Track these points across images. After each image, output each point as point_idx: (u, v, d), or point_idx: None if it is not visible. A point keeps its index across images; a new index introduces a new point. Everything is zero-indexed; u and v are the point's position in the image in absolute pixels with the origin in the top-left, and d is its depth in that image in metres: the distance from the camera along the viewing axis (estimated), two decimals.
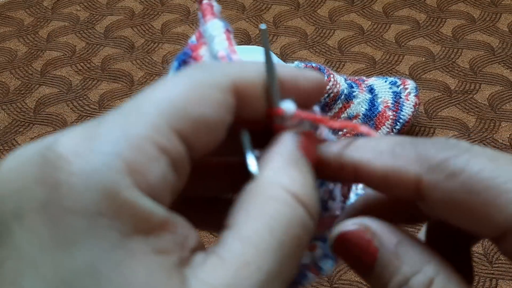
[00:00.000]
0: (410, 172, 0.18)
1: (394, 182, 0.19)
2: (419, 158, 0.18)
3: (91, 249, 0.15)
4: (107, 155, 0.15)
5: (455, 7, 0.80)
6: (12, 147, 0.64)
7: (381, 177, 0.19)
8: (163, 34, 0.78)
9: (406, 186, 0.18)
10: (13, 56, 0.75)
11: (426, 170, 0.18)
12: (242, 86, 0.19)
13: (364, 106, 0.60)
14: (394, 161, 0.18)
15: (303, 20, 0.79)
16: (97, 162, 0.15)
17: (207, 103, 0.18)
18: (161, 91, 0.18)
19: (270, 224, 0.17)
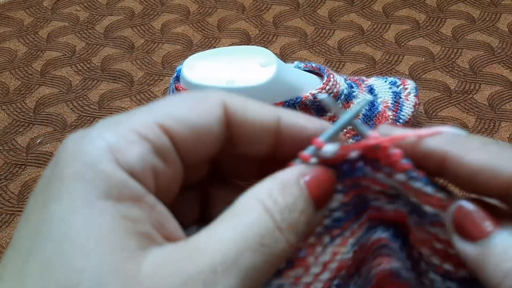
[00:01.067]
0: (506, 171, 0.18)
1: (485, 178, 0.19)
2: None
3: (66, 204, 0.18)
4: (93, 138, 0.19)
5: (455, 7, 0.80)
6: (12, 147, 0.64)
7: (472, 172, 0.19)
8: (163, 34, 0.78)
9: (498, 185, 0.19)
10: (13, 56, 0.75)
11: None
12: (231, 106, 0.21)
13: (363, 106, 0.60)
14: (489, 158, 0.19)
15: (303, 20, 0.79)
16: (85, 143, 0.19)
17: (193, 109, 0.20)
18: (154, 102, 0.21)
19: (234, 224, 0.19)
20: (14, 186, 0.60)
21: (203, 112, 0.20)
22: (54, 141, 0.64)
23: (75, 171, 0.18)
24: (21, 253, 0.18)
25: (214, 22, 0.79)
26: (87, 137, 0.19)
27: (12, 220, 0.57)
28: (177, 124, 0.20)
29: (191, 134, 0.20)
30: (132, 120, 0.20)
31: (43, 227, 0.18)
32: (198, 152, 0.21)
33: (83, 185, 0.18)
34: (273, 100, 0.56)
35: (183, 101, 0.21)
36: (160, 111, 0.20)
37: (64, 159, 0.19)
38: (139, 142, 0.19)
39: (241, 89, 0.55)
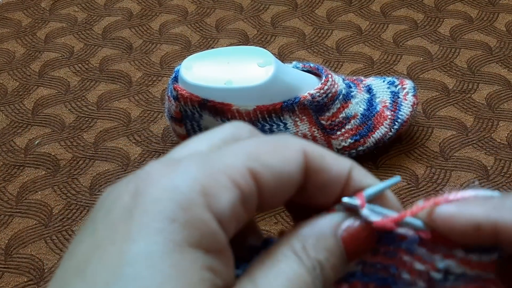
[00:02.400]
0: None
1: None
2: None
3: (154, 244, 0.17)
4: (186, 177, 0.18)
5: (452, 7, 0.80)
6: (10, 148, 0.64)
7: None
8: (161, 34, 0.78)
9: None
10: (11, 58, 0.75)
11: None
12: (310, 153, 0.21)
13: (362, 106, 0.60)
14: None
15: (301, 20, 0.79)
16: (177, 180, 0.18)
17: (279, 155, 0.20)
18: (236, 144, 0.20)
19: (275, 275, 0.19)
20: (13, 187, 0.60)
21: (287, 159, 0.20)
22: (52, 142, 0.64)
23: (168, 211, 0.17)
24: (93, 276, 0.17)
25: (212, 22, 0.79)
26: (178, 172, 0.18)
27: (10, 222, 0.57)
28: (265, 171, 0.19)
29: (275, 181, 0.20)
30: (224, 161, 0.19)
31: (124, 267, 0.17)
32: (277, 198, 0.20)
33: (173, 226, 0.17)
34: (272, 100, 0.56)
35: (268, 145, 0.20)
36: (250, 155, 0.19)
37: (153, 192, 0.18)
38: (231, 189, 0.18)
39: (240, 90, 0.55)
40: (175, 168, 0.18)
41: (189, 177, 0.18)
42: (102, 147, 0.64)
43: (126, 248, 0.17)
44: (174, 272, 0.17)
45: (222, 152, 0.19)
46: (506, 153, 0.61)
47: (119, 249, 0.17)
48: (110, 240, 0.17)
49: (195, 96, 0.56)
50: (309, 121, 0.57)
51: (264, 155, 0.19)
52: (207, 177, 0.18)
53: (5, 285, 0.52)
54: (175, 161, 0.19)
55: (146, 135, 0.65)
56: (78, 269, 0.17)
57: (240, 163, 0.19)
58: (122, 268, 0.17)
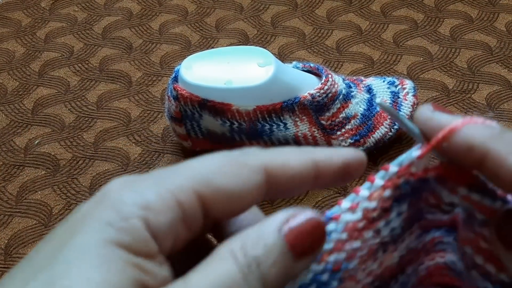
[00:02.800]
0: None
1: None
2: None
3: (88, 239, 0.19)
4: (135, 193, 0.20)
5: (452, 7, 0.80)
6: (10, 148, 0.64)
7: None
8: (161, 34, 0.78)
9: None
10: (10, 57, 0.75)
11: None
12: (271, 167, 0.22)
13: (362, 106, 0.60)
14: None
15: (301, 20, 0.79)
16: (126, 196, 0.20)
17: (232, 177, 0.21)
18: (195, 162, 0.22)
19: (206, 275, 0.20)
20: (12, 187, 0.60)
21: (241, 180, 0.21)
22: (52, 142, 0.64)
23: (108, 218, 0.20)
24: (29, 271, 0.20)
25: (212, 22, 0.79)
26: (131, 188, 0.21)
27: (10, 222, 0.57)
28: (214, 193, 0.21)
29: (226, 202, 0.21)
30: (173, 181, 0.21)
31: (59, 254, 0.19)
32: (227, 214, 0.22)
33: (110, 230, 0.20)
34: (272, 100, 0.56)
35: (223, 165, 0.21)
36: (199, 175, 0.21)
37: (104, 202, 0.20)
38: (173, 209, 0.20)
39: (240, 90, 0.55)
40: (130, 185, 0.21)
41: (138, 193, 0.20)
42: (102, 147, 0.64)
43: (67, 241, 0.20)
44: (99, 261, 0.19)
45: (177, 171, 0.21)
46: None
47: (62, 241, 0.20)
48: (60, 236, 0.20)
49: (195, 96, 0.56)
50: (309, 121, 0.57)
51: (215, 177, 0.21)
52: (154, 194, 0.20)
53: None
54: (137, 178, 0.21)
55: (146, 135, 0.65)
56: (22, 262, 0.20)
57: (189, 185, 0.21)
58: (57, 255, 0.19)
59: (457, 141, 0.20)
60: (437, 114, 0.21)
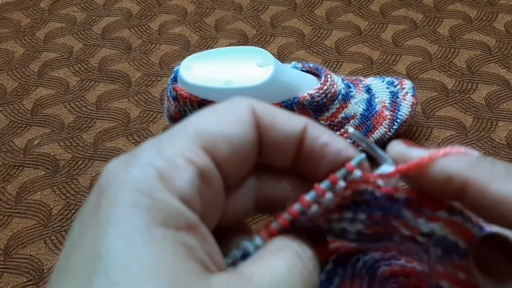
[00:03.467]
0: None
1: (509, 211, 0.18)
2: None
3: (126, 231, 0.18)
4: (143, 166, 0.19)
5: (451, 7, 0.80)
6: (10, 149, 0.64)
7: (496, 203, 0.18)
8: (160, 35, 0.78)
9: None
10: (10, 58, 0.75)
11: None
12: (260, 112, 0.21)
13: (361, 106, 0.60)
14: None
15: (300, 21, 0.79)
16: (134, 171, 0.19)
17: (227, 121, 0.20)
18: (188, 120, 0.20)
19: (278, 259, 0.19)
20: (12, 188, 0.60)
21: (237, 121, 0.20)
22: (51, 142, 0.64)
23: (131, 199, 0.18)
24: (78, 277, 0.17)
25: (211, 22, 0.80)
26: (135, 163, 0.19)
27: (9, 222, 0.57)
28: (216, 141, 0.20)
29: (230, 147, 0.20)
30: (176, 143, 0.19)
31: (103, 252, 0.17)
32: (239, 163, 0.20)
33: (141, 213, 0.18)
34: (271, 100, 0.56)
35: (215, 114, 0.20)
36: (198, 131, 0.20)
37: (115, 186, 0.18)
38: (186, 168, 0.19)
39: (239, 90, 0.55)
40: (131, 160, 0.19)
41: (145, 165, 0.19)
42: (101, 147, 0.64)
43: (99, 238, 0.18)
44: (149, 249, 0.17)
45: (173, 134, 0.20)
46: (505, 153, 0.61)
47: (92, 240, 0.18)
48: (82, 237, 0.18)
49: (194, 96, 0.56)
50: None
51: (212, 125, 0.20)
52: (162, 161, 0.19)
53: (4, 285, 0.52)
54: (132, 154, 0.19)
55: (145, 135, 0.65)
56: (61, 269, 0.18)
57: (191, 141, 0.19)
58: (98, 257, 0.17)
59: (435, 171, 0.20)
60: (411, 150, 0.21)
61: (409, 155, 0.21)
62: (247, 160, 0.21)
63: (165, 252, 0.17)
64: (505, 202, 0.18)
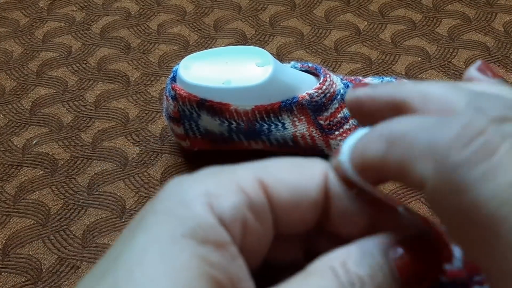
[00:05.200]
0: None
1: None
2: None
3: (150, 235, 0.18)
4: (194, 183, 0.20)
5: (450, 7, 0.80)
6: (8, 148, 0.64)
7: None
8: (159, 34, 0.78)
9: None
10: (8, 57, 0.75)
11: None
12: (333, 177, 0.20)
13: None
14: None
15: (299, 20, 0.79)
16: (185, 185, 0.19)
17: (294, 171, 0.20)
18: (259, 161, 0.21)
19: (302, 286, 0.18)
20: (10, 187, 0.60)
21: (304, 177, 0.20)
22: (50, 141, 0.64)
23: (169, 207, 0.19)
24: (96, 275, 0.19)
25: (210, 22, 0.79)
26: (189, 180, 0.20)
27: (8, 221, 0.57)
28: (276, 183, 0.20)
29: (289, 195, 0.20)
30: (234, 172, 0.20)
31: (123, 254, 0.18)
32: (295, 215, 0.20)
33: (171, 221, 0.18)
34: (270, 100, 0.56)
35: (286, 163, 0.21)
36: (262, 169, 0.20)
37: (162, 196, 0.19)
38: (235, 193, 0.19)
39: (238, 89, 0.55)
40: (187, 178, 0.20)
41: (196, 183, 0.19)
42: (100, 147, 0.63)
43: (127, 241, 0.19)
44: (161, 257, 0.18)
45: (237, 165, 0.20)
46: None
47: (121, 244, 0.19)
48: (122, 239, 0.19)
49: (193, 96, 0.56)
50: (307, 121, 0.57)
51: (278, 170, 0.20)
52: (214, 183, 0.19)
53: (2, 285, 0.52)
54: (194, 174, 0.20)
55: (144, 135, 0.65)
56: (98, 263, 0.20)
57: (250, 174, 0.20)
58: (116, 259, 0.18)
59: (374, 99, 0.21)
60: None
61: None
62: (306, 217, 0.20)
63: (175, 263, 0.18)
64: None
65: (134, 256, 0.18)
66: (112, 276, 0.18)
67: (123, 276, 0.18)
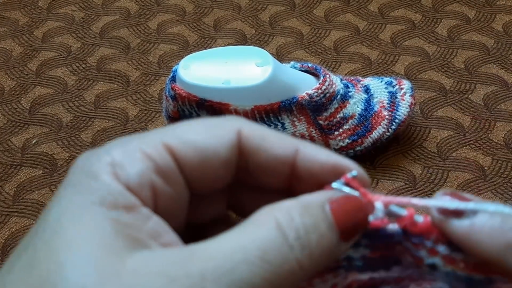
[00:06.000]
0: None
1: None
2: None
3: (62, 207, 0.19)
4: (101, 154, 0.20)
5: (450, 7, 0.80)
6: (7, 148, 0.64)
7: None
8: (159, 34, 0.78)
9: None
10: (8, 57, 0.75)
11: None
12: (247, 133, 0.21)
13: (360, 106, 0.60)
14: None
15: (299, 20, 0.79)
16: (92, 158, 0.20)
17: (202, 132, 0.21)
18: (169, 125, 0.22)
19: (238, 236, 0.18)
20: (10, 187, 0.60)
21: (213, 136, 0.21)
22: (49, 141, 0.64)
23: (77, 180, 0.20)
24: (19, 250, 0.19)
25: (210, 22, 0.79)
26: (96, 153, 0.20)
27: (7, 221, 0.57)
28: (183, 145, 0.20)
29: (197, 156, 0.20)
30: (141, 140, 0.21)
31: (39, 228, 0.19)
32: (206, 175, 0.21)
33: (80, 191, 0.19)
34: (269, 100, 0.56)
35: (196, 125, 0.21)
36: (169, 133, 0.21)
37: (72, 171, 0.20)
38: (140, 160, 0.20)
39: (238, 89, 0.55)
40: (96, 151, 0.21)
41: (103, 154, 0.20)
42: (99, 146, 0.63)
43: (42, 216, 0.20)
44: (75, 224, 0.19)
45: (146, 133, 0.21)
46: (503, 153, 0.61)
47: (41, 219, 0.20)
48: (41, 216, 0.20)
49: (193, 96, 0.56)
50: (307, 121, 0.57)
51: (186, 132, 0.21)
52: (120, 152, 0.20)
53: None
54: (102, 147, 0.21)
55: None
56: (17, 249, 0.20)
57: (157, 140, 0.20)
58: (34, 233, 0.19)
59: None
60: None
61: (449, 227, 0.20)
62: (218, 175, 0.21)
63: (89, 226, 0.18)
64: None
65: (49, 228, 0.19)
66: (31, 250, 0.19)
67: (41, 247, 0.18)
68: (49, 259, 0.18)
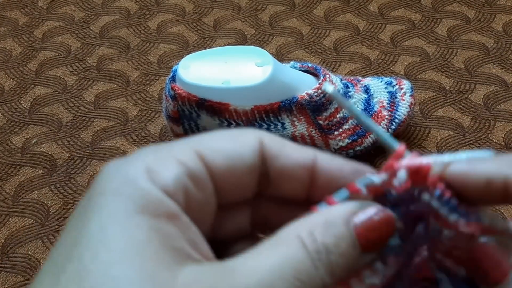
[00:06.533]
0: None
1: None
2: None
3: (105, 216, 0.19)
4: (134, 161, 0.20)
5: (450, 8, 0.80)
6: (7, 147, 0.64)
7: None
8: (158, 34, 0.78)
9: None
10: (8, 56, 0.75)
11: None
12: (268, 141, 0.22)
13: (359, 106, 0.60)
14: None
15: (298, 20, 0.79)
16: (125, 165, 0.20)
17: (229, 141, 0.21)
18: (194, 135, 0.22)
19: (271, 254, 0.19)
20: (9, 187, 0.60)
21: (238, 144, 0.21)
22: (49, 141, 0.64)
23: (115, 187, 0.19)
24: (58, 262, 0.19)
25: (210, 22, 0.79)
26: (128, 160, 0.20)
27: (7, 221, 0.57)
28: (211, 151, 0.21)
29: (225, 161, 0.21)
30: (173, 148, 0.21)
31: (82, 238, 0.19)
32: (234, 179, 0.21)
33: (122, 199, 0.19)
34: (269, 100, 0.56)
35: (221, 135, 0.22)
36: (197, 141, 0.21)
37: (105, 178, 0.20)
38: (175, 165, 0.20)
39: (237, 89, 0.55)
40: (127, 159, 0.21)
41: (136, 160, 0.20)
42: (99, 146, 0.63)
43: (82, 225, 0.19)
44: (122, 234, 0.18)
45: (174, 142, 0.21)
46: (503, 153, 0.61)
47: (77, 228, 0.19)
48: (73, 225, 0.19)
49: (193, 96, 0.56)
50: (307, 121, 0.57)
51: (213, 140, 0.21)
52: (153, 159, 0.20)
53: (1, 284, 0.52)
54: (129, 156, 0.21)
55: (143, 134, 0.65)
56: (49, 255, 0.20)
57: (187, 147, 0.21)
58: (76, 244, 0.19)
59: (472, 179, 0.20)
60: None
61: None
62: (244, 182, 0.22)
63: (136, 238, 0.18)
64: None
65: (94, 238, 0.18)
66: (77, 261, 0.18)
67: (90, 259, 0.18)
68: (100, 271, 0.18)
